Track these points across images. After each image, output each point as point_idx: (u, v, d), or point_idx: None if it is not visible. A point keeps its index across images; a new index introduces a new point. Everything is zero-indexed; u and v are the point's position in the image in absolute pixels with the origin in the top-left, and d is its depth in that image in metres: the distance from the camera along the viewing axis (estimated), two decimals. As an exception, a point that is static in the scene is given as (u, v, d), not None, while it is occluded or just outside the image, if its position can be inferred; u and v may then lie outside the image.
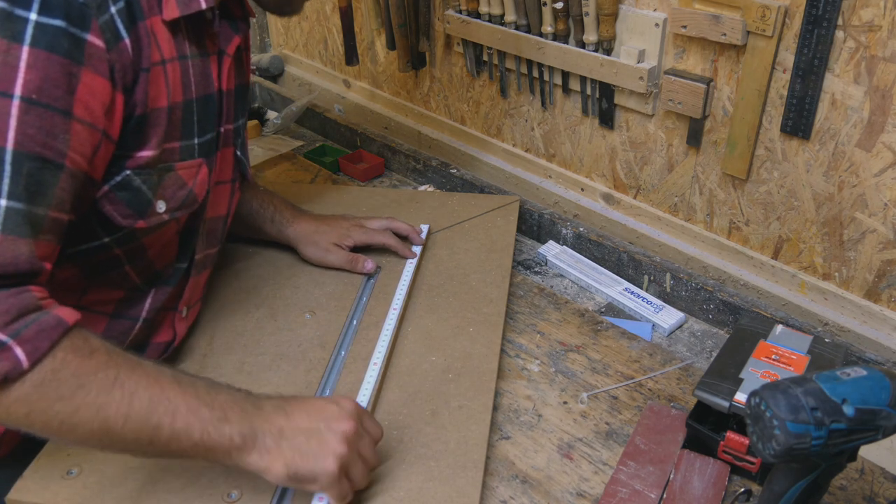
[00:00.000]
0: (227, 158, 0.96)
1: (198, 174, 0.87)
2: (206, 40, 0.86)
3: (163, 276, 0.92)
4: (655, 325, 1.17)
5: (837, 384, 0.63)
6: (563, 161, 1.42)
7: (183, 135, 0.84)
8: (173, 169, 0.83)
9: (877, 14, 0.94)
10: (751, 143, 1.11)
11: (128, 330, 0.90)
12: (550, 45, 1.28)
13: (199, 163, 0.87)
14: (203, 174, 0.88)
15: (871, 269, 1.07)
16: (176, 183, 0.84)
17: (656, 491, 0.83)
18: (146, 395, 0.68)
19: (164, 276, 0.92)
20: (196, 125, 0.85)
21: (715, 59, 1.11)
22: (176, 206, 0.85)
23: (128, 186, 0.79)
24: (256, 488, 0.78)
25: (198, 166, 0.87)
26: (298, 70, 1.98)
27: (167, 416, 0.68)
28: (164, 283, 0.92)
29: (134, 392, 0.67)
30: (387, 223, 1.18)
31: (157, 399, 0.68)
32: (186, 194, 0.86)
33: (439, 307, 1.08)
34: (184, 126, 0.83)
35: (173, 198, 0.84)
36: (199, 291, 1.01)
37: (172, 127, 0.81)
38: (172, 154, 0.83)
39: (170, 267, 0.92)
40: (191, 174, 0.86)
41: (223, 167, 0.96)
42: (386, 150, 1.64)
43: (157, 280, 0.91)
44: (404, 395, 0.93)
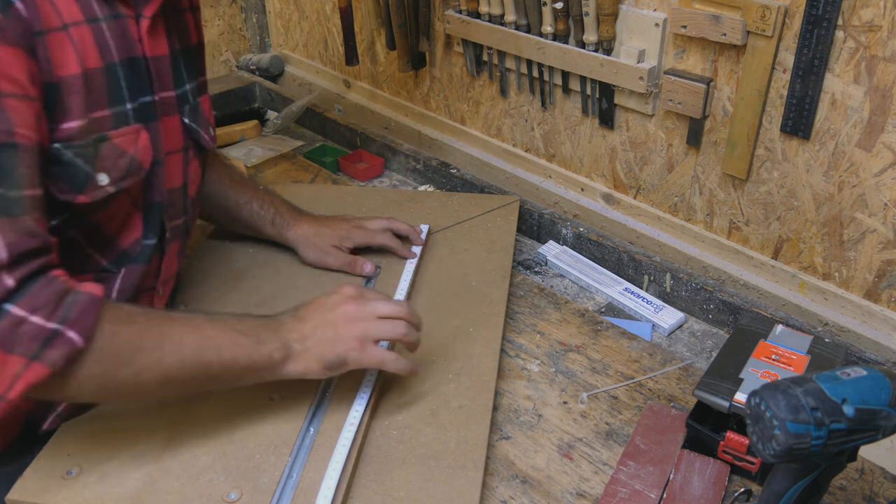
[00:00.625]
0: (174, 127, 0.92)
1: (138, 140, 0.83)
2: (116, 2, 0.81)
3: (130, 254, 0.89)
4: (655, 325, 1.17)
5: (837, 384, 0.63)
6: (563, 161, 1.42)
7: (111, 101, 0.80)
8: (108, 138, 0.80)
9: (877, 14, 0.94)
10: (751, 143, 1.11)
11: None
12: (550, 45, 1.28)
13: (136, 129, 0.83)
14: (144, 140, 0.84)
15: (871, 269, 1.07)
16: (114, 152, 0.80)
17: (656, 491, 0.83)
18: (192, 341, 0.76)
19: (132, 255, 0.89)
20: (126, 90, 0.81)
21: (715, 59, 1.11)
22: (120, 175, 0.81)
23: (58, 160, 0.76)
24: (256, 488, 0.78)
25: (136, 132, 0.83)
26: (298, 70, 1.98)
27: (214, 352, 0.77)
28: (132, 262, 0.89)
29: (181, 341, 0.75)
30: (387, 223, 1.18)
31: (201, 341, 0.76)
32: (129, 162, 0.82)
33: (439, 307, 1.08)
34: (111, 92, 0.79)
35: (115, 168, 0.81)
36: (175, 266, 0.98)
37: (96, 94, 0.78)
38: (104, 123, 0.79)
39: (137, 244, 0.89)
40: (129, 141, 0.82)
41: (171, 137, 0.91)
42: (386, 150, 1.64)
43: (126, 259, 0.88)
44: (404, 395, 0.93)
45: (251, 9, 2.01)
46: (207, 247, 1.20)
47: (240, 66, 2.05)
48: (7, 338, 0.66)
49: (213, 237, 1.22)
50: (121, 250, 0.88)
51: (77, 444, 0.83)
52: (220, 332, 0.78)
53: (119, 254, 0.88)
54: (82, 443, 0.83)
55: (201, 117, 0.98)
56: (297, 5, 1.89)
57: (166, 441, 0.84)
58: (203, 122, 0.99)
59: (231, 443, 0.84)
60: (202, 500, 0.78)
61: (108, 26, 0.79)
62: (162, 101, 0.88)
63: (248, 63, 2.03)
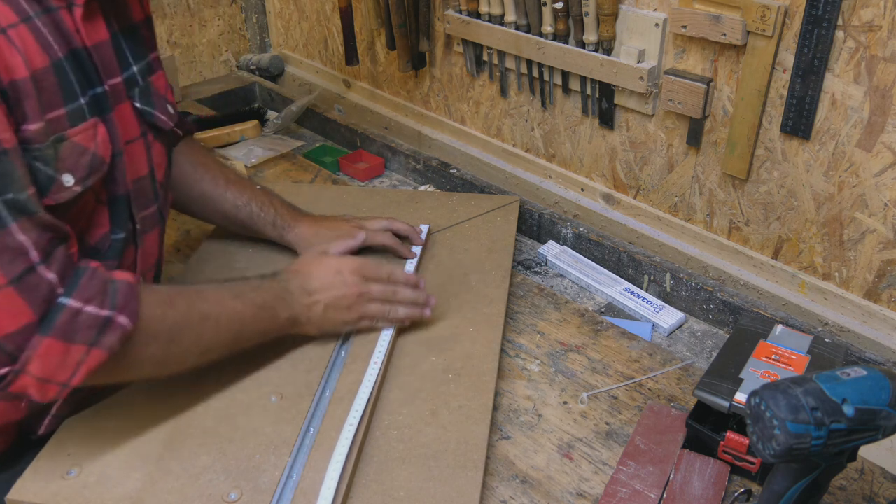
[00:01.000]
0: (127, 114, 0.89)
1: (96, 135, 0.81)
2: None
3: (99, 250, 0.87)
4: (655, 325, 1.17)
5: (837, 384, 0.63)
6: (563, 161, 1.42)
7: (65, 99, 0.78)
8: (66, 137, 0.78)
9: (877, 14, 0.94)
10: (751, 143, 1.11)
11: None
12: (550, 45, 1.28)
13: (93, 123, 0.81)
14: (102, 134, 0.82)
15: (871, 269, 1.07)
16: (75, 151, 0.79)
17: (656, 491, 0.83)
18: (226, 317, 0.86)
19: (101, 250, 0.87)
20: (76, 84, 0.79)
21: (715, 59, 1.11)
22: (84, 174, 0.80)
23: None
24: (256, 489, 0.78)
25: (93, 127, 0.81)
26: (298, 70, 1.98)
27: (242, 323, 0.88)
28: (102, 258, 0.87)
29: (218, 318, 0.86)
30: (387, 223, 1.18)
31: (232, 316, 0.87)
32: (90, 159, 0.81)
33: (439, 307, 1.08)
34: (63, 89, 0.77)
35: (78, 166, 0.79)
36: (154, 254, 0.97)
37: (48, 93, 0.75)
38: (60, 122, 0.77)
39: (105, 240, 0.88)
40: (88, 137, 0.80)
41: (126, 125, 0.88)
42: (386, 150, 1.64)
43: (95, 255, 0.86)
44: (404, 395, 0.93)
45: (251, 9, 2.01)
46: (207, 247, 1.20)
47: (240, 66, 2.05)
48: (68, 329, 0.72)
49: (213, 237, 1.22)
50: (89, 247, 0.86)
51: (77, 444, 0.83)
52: (245, 307, 0.89)
53: (88, 251, 0.86)
54: (82, 443, 0.83)
55: (155, 97, 0.95)
56: (297, 5, 1.89)
57: (166, 441, 0.84)
58: (158, 102, 0.95)
59: (231, 443, 0.84)
60: (202, 500, 0.78)
61: (42, 22, 0.76)
62: (112, 90, 0.85)
63: (248, 63, 2.03)
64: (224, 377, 0.93)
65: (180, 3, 1.89)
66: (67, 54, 0.78)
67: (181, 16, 1.90)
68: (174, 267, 1.24)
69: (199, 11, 1.94)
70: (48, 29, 0.77)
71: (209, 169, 1.12)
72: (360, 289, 0.97)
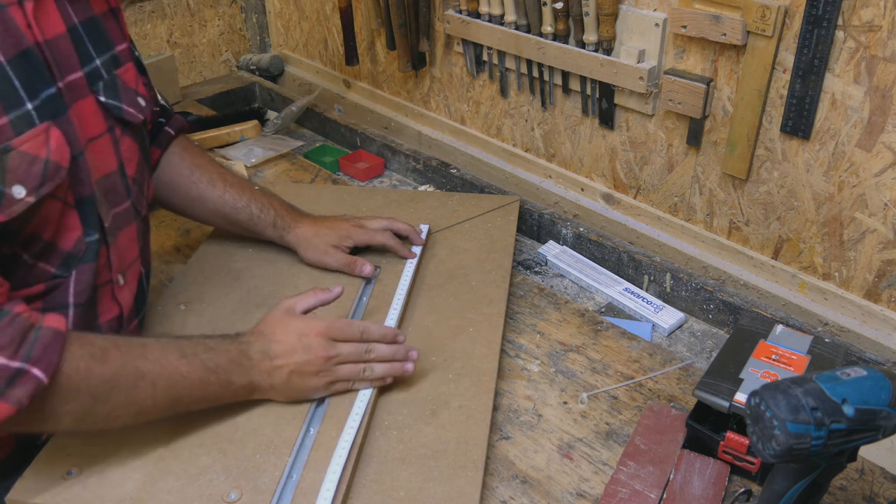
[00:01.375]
0: (91, 109, 0.85)
1: (49, 141, 0.76)
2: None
3: (76, 255, 0.84)
4: (655, 325, 1.17)
5: (837, 384, 0.63)
6: (563, 161, 1.42)
7: (7, 107, 0.72)
8: (11, 148, 0.72)
9: (877, 14, 0.94)
10: (751, 143, 1.11)
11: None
12: (550, 45, 1.28)
13: (44, 128, 0.75)
14: (56, 138, 0.76)
15: (871, 269, 1.07)
16: (24, 160, 0.73)
17: (656, 491, 0.83)
18: (165, 379, 0.78)
19: (78, 255, 0.84)
20: (22, 89, 0.74)
21: (715, 59, 1.11)
22: (37, 183, 0.75)
23: None
24: (256, 489, 0.78)
25: (44, 132, 0.75)
26: (298, 70, 1.98)
27: (185, 390, 0.80)
28: (81, 262, 0.84)
29: (155, 380, 0.78)
30: (387, 223, 1.18)
31: (174, 379, 0.79)
32: (43, 168, 0.75)
33: (439, 307, 1.08)
34: (4, 98, 0.72)
35: (29, 176, 0.74)
36: (132, 252, 0.94)
37: None
38: (4, 132, 0.72)
39: (80, 243, 0.84)
40: (39, 144, 0.75)
41: (89, 121, 0.84)
42: (386, 150, 1.64)
43: (73, 261, 0.84)
44: (404, 394, 0.93)
45: (251, 9, 2.01)
46: (207, 247, 1.20)
47: (240, 66, 2.05)
48: None
49: (213, 237, 1.22)
50: (65, 253, 0.83)
51: (77, 444, 0.83)
52: (191, 370, 0.81)
53: (64, 257, 0.83)
54: (82, 443, 0.83)
55: (122, 91, 0.90)
56: (297, 5, 1.89)
57: (166, 441, 0.84)
58: (125, 95, 0.91)
59: (231, 443, 0.84)
60: (202, 500, 0.77)
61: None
62: (69, 86, 0.81)
63: (248, 63, 2.03)
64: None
65: (180, 3, 1.89)
66: (14, 57, 0.73)
67: (181, 16, 1.90)
68: (174, 267, 1.25)
69: (199, 11, 1.94)
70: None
71: (206, 170, 1.11)
72: (327, 352, 0.88)
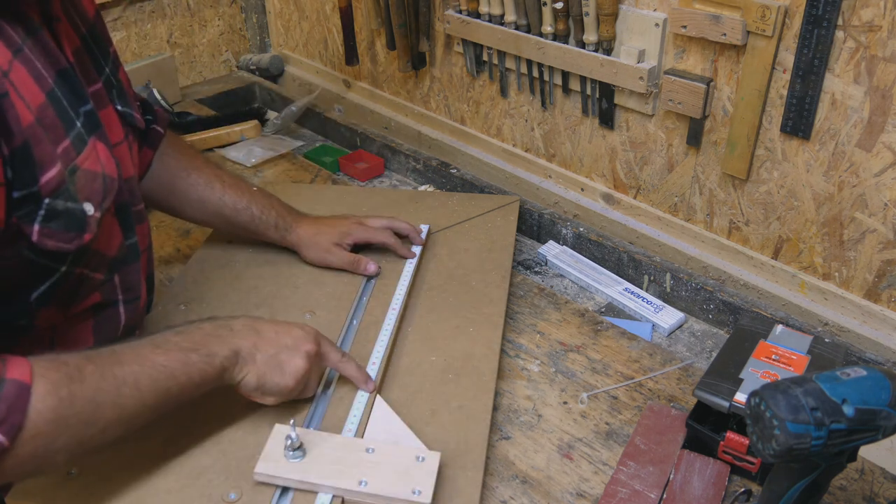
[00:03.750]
0: (111, 118, 0.87)
1: (99, 156, 0.78)
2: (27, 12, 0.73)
3: (119, 258, 0.87)
4: (655, 325, 1.17)
5: (837, 384, 0.63)
6: (563, 161, 1.42)
7: (66, 128, 0.74)
8: (78, 167, 0.75)
9: (877, 14, 0.94)
10: (751, 143, 1.11)
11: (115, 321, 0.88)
12: (550, 45, 1.28)
13: (93, 144, 0.78)
14: (103, 152, 0.79)
15: (871, 269, 1.07)
16: (87, 178, 0.76)
17: (656, 491, 0.83)
18: (145, 376, 0.74)
19: (121, 258, 0.87)
20: (70, 110, 0.76)
21: (715, 59, 1.11)
22: (100, 198, 0.78)
23: (55, 214, 0.72)
24: (256, 488, 0.78)
25: (94, 148, 0.78)
26: (298, 70, 1.98)
27: (170, 379, 0.75)
28: (124, 264, 0.88)
29: (136, 380, 0.73)
30: (387, 222, 1.18)
31: (154, 373, 0.74)
32: (102, 182, 0.78)
33: (439, 307, 1.08)
34: (62, 119, 0.74)
35: (94, 192, 0.77)
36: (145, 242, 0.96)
37: (52, 130, 0.72)
38: (69, 153, 0.74)
39: (122, 248, 0.87)
40: (94, 160, 0.77)
41: (112, 129, 0.86)
42: (386, 150, 1.64)
43: (117, 264, 0.87)
44: (404, 395, 0.93)
45: (251, 9, 2.01)
46: (207, 247, 1.20)
47: (240, 66, 2.05)
48: None
49: (213, 238, 1.22)
50: (110, 259, 0.85)
51: (77, 444, 0.83)
52: (168, 357, 0.76)
53: (110, 263, 0.85)
54: (82, 443, 0.83)
55: (127, 96, 0.92)
56: (297, 5, 1.89)
57: (166, 441, 0.84)
58: (130, 101, 0.92)
59: (231, 443, 0.84)
60: (202, 500, 0.77)
61: (30, 48, 0.72)
62: (94, 98, 0.83)
63: (248, 63, 2.03)
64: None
65: (180, 3, 1.89)
66: (56, 78, 0.75)
67: (181, 16, 1.90)
68: (174, 267, 1.25)
69: (199, 11, 1.94)
70: (36, 55, 0.73)
71: (202, 172, 1.09)
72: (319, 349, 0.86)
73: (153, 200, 1.09)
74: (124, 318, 0.89)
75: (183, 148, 1.11)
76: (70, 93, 0.77)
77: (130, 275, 0.89)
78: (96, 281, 0.84)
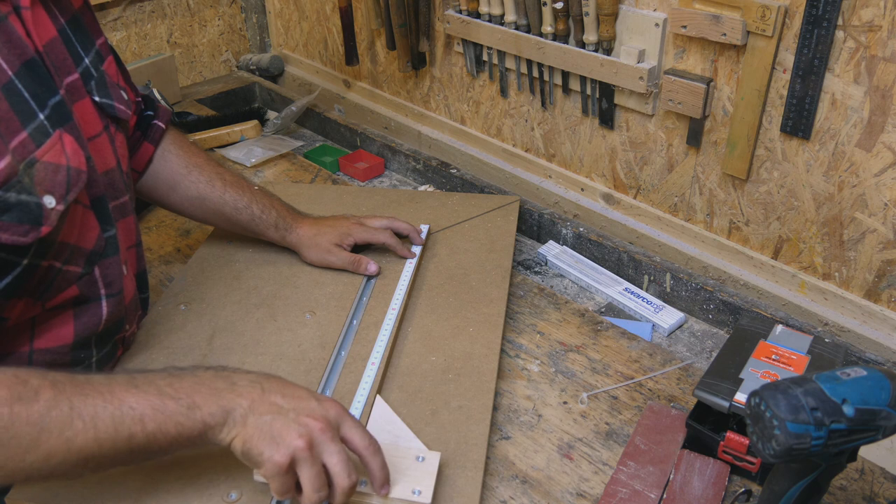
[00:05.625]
0: (88, 110, 0.85)
1: (65, 148, 0.76)
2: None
3: (97, 251, 0.85)
4: (655, 325, 1.17)
5: (837, 384, 0.63)
6: (563, 161, 1.42)
7: (24, 121, 0.72)
8: (37, 160, 0.72)
9: (877, 14, 0.94)
10: (751, 143, 1.11)
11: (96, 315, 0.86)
12: (550, 45, 1.28)
13: (58, 136, 0.75)
14: (70, 144, 0.77)
15: (871, 269, 1.07)
16: (49, 171, 0.74)
17: (656, 491, 0.83)
18: (107, 413, 0.67)
19: (99, 251, 0.85)
20: (32, 101, 0.73)
21: (715, 59, 1.11)
22: (64, 191, 0.75)
23: (6, 207, 0.70)
24: (256, 489, 0.78)
25: (59, 140, 0.75)
26: (298, 70, 1.98)
27: (136, 424, 0.68)
28: (103, 257, 0.86)
29: (94, 415, 0.67)
30: (387, 222, 1.18)
31: (119, 413, 0.67)
32: (66, 175, 0.76)
33: (439, 307, 1.08)
34: (18, 112, 0.71)
35: (55, 185, 0.74)
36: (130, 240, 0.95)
37: (4, 122, 0.70)
38: (26, 146, 0.72)
39: (100, 240, 0.85)
40: (58, 153, 0.75)
41: (88, 121, 0.84)
42: (386, 150, 1.64)
43: (95, 257, 0.85)
44: (404, 395, 0.93)
45: (251, 9, 2.01)
46: (207, 247, 1.20)
47: (240, 66, 2.05)
48: None
49: (213, 238, 1.22)
50: (87, 252, 0.84)
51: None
52: (141, 398, 0.69)
53: (87, 256, 0.84)
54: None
55: (110, 88, 0.90)
56: (297, 5, 1.89)
57: (166, 441, 0.84)
58: (113, 92, 0.91)
59: (231, 443, 0.84)
60: (202, 500, 0.78)
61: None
62: (69, 89, 0.81)
63: (248, 63, 2.03)
64: (224, 377, 0.93)
65: (180, 3, 1.89)
66: (19, 69, 0.73)
67: (181, 16, 1.90)
68: (174, 267, 1.25)
69: (199, 11, 1.94)
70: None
71: (203, 170, 1.10)
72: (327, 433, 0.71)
73: (154, 196, 1.10)
74: (106, 313, 0.87)
75: (185, 145, 1.11)
76: (35, 84, 0.74)
77: (111, 268, 0.87)
78: (72, 274, 0.82)
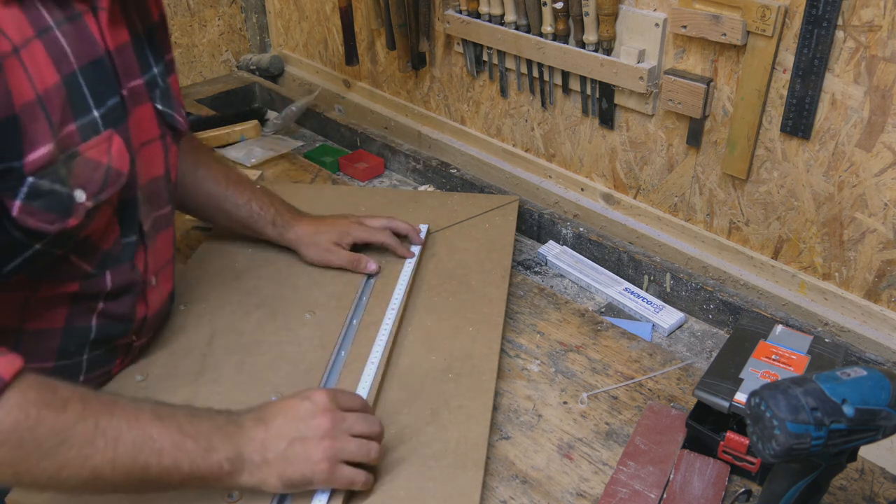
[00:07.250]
0: (147, 115, 0.87)
1: (111, 148, 0.77)
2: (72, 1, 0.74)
3: (112, 254, 0.85)
4: (655, 325, 1.17)
5: (837, 384, 0.63)
6: (563, 161, 1.42)
7: (76, 114, 0.74)
8: (78, 153, 0.74)
9: (877, 14, 0.94)
10: (751, 143, 1.11)
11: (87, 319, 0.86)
12: (550, 45, 1.28)
13: (107, 136, 0.77)
14: (118, 146, 0.78)
15: (871, 269, 1.07)
16: (87, 166, 0.75)
17: (656, 491, 0.83)
18: (129, 439, 0.68)
19: (114, 255, 0.85)
20: (90, 97, 0.75)
21: (715, 59, 1.11)
22: (97, 189, 0.76)
23: (39, 193, 0.71)
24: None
25: (108, 140, 0.77)
26: (298, 70, 1.98)
27: (154, 455, 0.69)
28: (117, 262, 0.86)
29: (117, 437, 0.68)
30: (387, 222, 1.18)
31: (140, 440, 0.69)
32: (104, 174, 0.77)
33: (439, 307, 1.08)
34: (73, 104, 0.73)
35: (91, 182, 0.75)
36: (168, 254, 0.96)
37: (57, 112, 0.71)
38: (72, 138, 0.73)
39: (117, 244, 0.85)
40: (102, 151, 0.76)
41: (144, 126, 0.87)
42: (386, 150, 1.64)
43: (109, 260, 0.85)
44: (404, 394, 0.93)
45: (251, 9, 2.01)
46: (207, 247, 1.20)
47: (240, 66, 2.05)
48: None
49: (213, 237, 1.22)
50: (103, 252, 0.84)
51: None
52: (164, 431, 0.70)
53: (102, 256, 0.84)
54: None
55: (173, 100, 0.93)
56: (297, 5, 1.89)
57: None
58: (176, 104, 0.94)
59: (231, 443, 0.84)
60: (202, 500, 0.77)
61: (62, 32, 0.72)
62: (131, 93, 0.83)
63: (248, 63, 2.03)
64: (223, 376, 0.93)
65: (180, 3, 1.89)
66: (86, 65, 0.75)
67: (181, 16, 1.90)
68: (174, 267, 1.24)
69: (199, 11, 1.94)
70: (68, 40, 0.73)
71: (210, 168, 1.12)
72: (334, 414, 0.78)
73: None
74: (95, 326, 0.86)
75: (195, 145, 1.13)
76: (97, 82, 0.76)
77: (122, 274, 0.87)
78: (81, 270, 0.83)
